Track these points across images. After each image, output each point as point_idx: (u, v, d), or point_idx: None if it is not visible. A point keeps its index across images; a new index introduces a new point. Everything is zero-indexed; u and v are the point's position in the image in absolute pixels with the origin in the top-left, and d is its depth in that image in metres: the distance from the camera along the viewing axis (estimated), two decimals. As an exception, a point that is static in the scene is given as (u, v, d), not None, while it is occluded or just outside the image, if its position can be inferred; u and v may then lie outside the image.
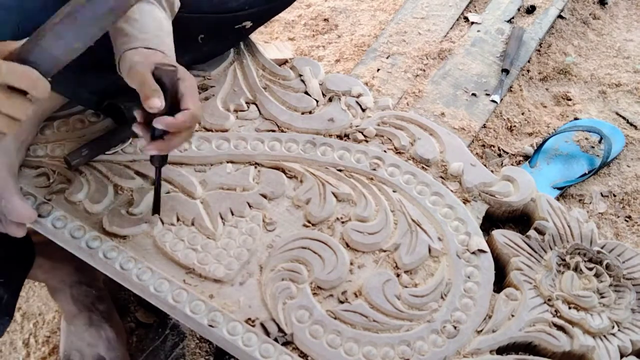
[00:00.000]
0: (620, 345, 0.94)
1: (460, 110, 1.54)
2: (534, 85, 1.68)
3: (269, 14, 1.20)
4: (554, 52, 1.73)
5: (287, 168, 1.09)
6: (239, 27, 1.14)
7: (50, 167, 1.06)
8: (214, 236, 1.01)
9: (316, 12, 1.87)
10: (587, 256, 1.02)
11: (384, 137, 1.14)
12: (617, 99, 1.64)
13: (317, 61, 1.36)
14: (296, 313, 0.94)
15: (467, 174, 1.09)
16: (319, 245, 1.00)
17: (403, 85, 1.58)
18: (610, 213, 1.44)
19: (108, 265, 0.97)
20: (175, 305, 0.94)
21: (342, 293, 0.97)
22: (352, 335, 0.92)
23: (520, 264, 1.00)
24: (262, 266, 0.99)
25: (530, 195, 1.08)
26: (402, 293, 0.97)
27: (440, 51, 1.66)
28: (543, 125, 1.58)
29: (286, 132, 1.13)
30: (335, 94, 1.19)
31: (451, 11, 1.76)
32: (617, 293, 0.98)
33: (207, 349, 1.24)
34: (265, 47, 1.30)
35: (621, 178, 1.49)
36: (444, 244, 1.02)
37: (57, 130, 1.10)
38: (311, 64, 1.23)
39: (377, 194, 1.06)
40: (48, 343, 1.27)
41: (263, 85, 1.19)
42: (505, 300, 0.97)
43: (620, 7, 1.89)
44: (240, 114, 1.16)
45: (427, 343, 0.92)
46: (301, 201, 1.05)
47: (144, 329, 1.27)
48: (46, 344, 1.27)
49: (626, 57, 1.74)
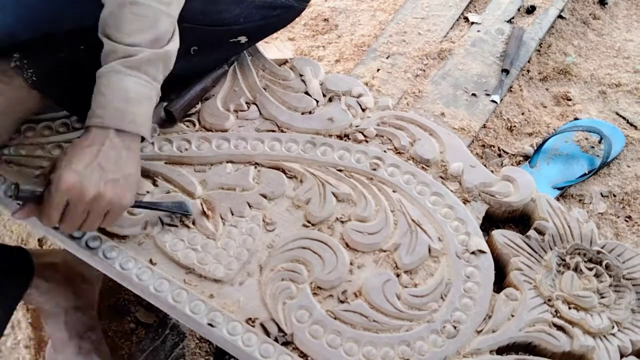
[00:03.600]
0: (620, 345, 0.94)
1: (460, 110, 1.54)
2: (534, 85, 1.68)
3: (265, 31, 1.19)
4: (554, 52, 1.73)
5: (287, 168, 1.09)
6: (233, 41, 1.12)
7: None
8: (214, 236, 1.01)
9: (316, 12, 1.87)
10: (587, 256, 1.02)
11: (384, 137, 1.14)
12: (617, 99, 1.64)
13: (317, 61, 1.36)
14: (296, 313, 0.94)
15: (467, 174, 1.09)
16: (318, 245, 1.00)
17: (403, 85, 1.58)
18: (610, 213, 1.44)
19: (108, 265, 0.97)
20: (175, 305, 0.94)
21: (342, 293, 0.97)
22: (352, 336, 0.92)
23: (520, 264, 1.00)
24: (262, 266, 0.99)
25: (530, 195, 1.08)
26: (402, 293, 0.97)
27: (440, 51, 1.66)
28: (543, 125, 1.58)
29: (286, 132, 1.13)
30: (336, 94, 1.19)
31: (451, 11, 1.76)
32: (617, 293, 0.98)
33: (207, 349, 1.24)
34: (265, 47, 1.30)
35: (621, 178, 1.49)
36: (444, 244, 1.02)
37: (56, 131, 1.10)
38: (311, 64, 1.23)
39: (377, 194, 1.06)
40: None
41: (263, 85, 1.19)
42: (505, 300, 0.97)
43: (620, 7, 1.89)
44: (240, 114, 1.16)
45: (427, 343, 0.92)
46: (301, 201, 1.05)
47: (144, 329, 1.27)
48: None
49: (626, 57, 1.74)
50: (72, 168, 0.85)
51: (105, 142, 0.88)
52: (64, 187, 0.85)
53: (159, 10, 0.91)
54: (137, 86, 0.91)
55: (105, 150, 0.88)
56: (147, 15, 0.90)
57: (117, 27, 0.90)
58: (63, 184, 0.84)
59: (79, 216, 0.88)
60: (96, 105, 0.89)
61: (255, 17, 1.11)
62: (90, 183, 0.85)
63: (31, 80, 1.00)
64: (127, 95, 0.90)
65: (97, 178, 0.86)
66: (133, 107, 0.90)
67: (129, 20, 0.89)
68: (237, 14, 1.08)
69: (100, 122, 0.88)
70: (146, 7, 0.90)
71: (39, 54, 1.00)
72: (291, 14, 1.19)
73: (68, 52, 1.02)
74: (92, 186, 0.86)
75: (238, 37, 1.12)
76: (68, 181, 0.84)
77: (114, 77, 0.89)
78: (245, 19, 1.10)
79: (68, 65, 1.01)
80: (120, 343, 1.27)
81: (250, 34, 1.14)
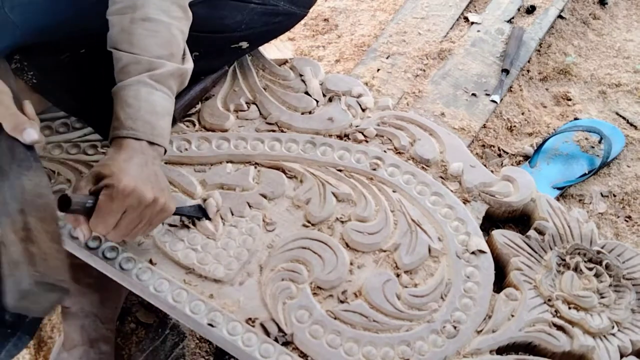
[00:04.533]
0: (620, 345, 0.94)
1: (460, 110, 1.53)
2: (534, 85, 1.68)
3: (267, 37, 1.19)
4: (554, 52, 1.73)
5: (287, 168, 1.09)
6: (235, 46, 1.13)
7: (50, 168, 1.06)
8: (214, 236, 1.01)
9: (316, 12, 1.87)
10: (587, 256, 1.02)
11: (384, 137, 1.14)
12: (617, 99, 1.64)
13: (317, 61, 1.36)
14: (296, 313, 0.94)
15: (467, 174, 1.09)
16: (318, 245, 1.00)
17: (403, 85, 1.58)
18: (610, 213, 1.44)
19: (108, 265, 0.97)
20: (175, 305, 0.94)
21: (342, 293, 0.97)
22: (352, 336, 0.92)
23: (520, 264, 1.00)
24: (262, 266, 0.99)
25: (530, 195, 1.08)
26: (402, 293, 0.97)
27: (440, 51, 1.66)
28: (543, 125, 1.58)
29: (286, 132, 1.13)
30: (336, 94, 1.19)
31: (451, 11, 1.76)
32: (617, 293, 0.98)
33: (207, 349, 1.24)
34: (265, 47, 1.30)
35: (621, 178, 1.49)
36: (444, 244, 1.02)
37: (56, 131, 1.10)
38: (311, 64, 1.23)
39: (377, 194, 1.06)
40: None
41: (263, 85, 1.19)
42: (505, 300, 0.97)
43: (620, 7, 1.89)
44: (240, 114, 1.16)
45: (427, 343, 0.92)
46: (301, 201, 1.05)
47: (144, 329, 1.27)
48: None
49: (626, 57, 1.74)
50: (131, 175, 0.86)
51: (145, 152, 0.90)
52: (126, 192, 0.85)
53: (171, 25, 0.92)
54: (163, 100, 0.93)
55: (150, 161, 0.90)
56: (160, 30, 0.92)
57: (131, 43, 0.91)
58: (126, 189, 0.85)
59: (134, 222, 0.88)
60: (125, 116, 0.90)
61: (257, 23, 1.11)
62: (147, 188, 0.87)
63: (32, 82, 1.00)
64: (155, 109, 0.92)
65: (152, 185, 0.88)
66: (160, 120, 0.92)
67: (142, 36, 0.91)
68: (239, 20, 1.09)
69: (133, 134, 0.90)
70: (158, 22, 0.91)
71: (39, 56, 1.00)
72: (292, 20, 1.19)
73: (69, 55, 1.02)
74: (150, 191, 0.87)
75: (239, 43, 1.13)
76: (129, 186, 0.85)
77: (143, 90, 0.91)
78: (247, 25, 1.10)
79: (68, 68, 1.02)
80: (121, 343, 1.26)
81: (251, 39, 1.14)
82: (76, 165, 1.06)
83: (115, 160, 0.88)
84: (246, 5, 1.09)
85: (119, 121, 0.90)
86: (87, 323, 1.18)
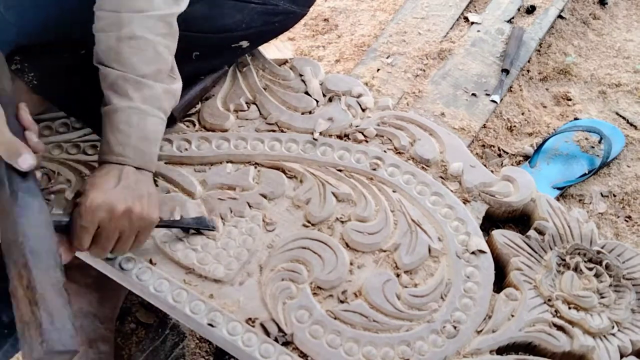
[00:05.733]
0: (620, 345, 0.94)
1: (460, 110, 1.54)
2: (534, 85, 1.68)
3: (267, 36, 1.19)
4: (554, 52, 1.73)
5: (287, 168, 1.09)
6: (235, 46, 1.13)
7: (50, 168, 1.06)
8: (214, 236, 1.01)
9: (316, 12, 1.87)
10: (587, 256, 1.02)
11: (384, 137, 1.14)
12: (617, 99, 1.64)
13: (317, 61, 1.36)
14: (296, 313, 0.94)
15: (467, 174, 1.09)
16: (318, 245, 1.00)
17: (403, 85, 1.58)
18: (610, 213, 1.44)
19: (108, 265, 0.97)
20: (175, 305, 0.94)
21: (342, 293, 0.97)
22: (352, 336, 0.92)
23: (520, 264, 1.00)
24: (262, 266, 0.99)
25: (530, 195, 1.08)
26: (402, 293, 0.97)
27: (440, 51, 1.66)
28: (543, 125, 1.58)
29: (286, 132, 1.13)
30: (336, 94, 1.19)
31: (451, 11, 1.76)
32: (617, 293, 0.98)
33: (207, 349, 1.24)
34: (265, 47, 1.30)
35: (621, 178, 1.49)
36: (444, 244, 1.02)
37: (56, 131, 1.10)
38: (311, 64, 1.23)
39: (377, 194, 1.06)
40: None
41: (263, 85, 1.19)
42: (505, 300, 0.97)
43: (620, 7, 1.89)
44: (240, 114, 1.16)
45: (427, 343, 0.92)
46: (301, 201, 1.05)
47: (144, 329, 1.27)
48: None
49: (626, 57, 1.74)
50: (102, 189, 0.86)
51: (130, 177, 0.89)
52: (94, 206, 0.84)
53: (157, 42, 0.92)
54: (155, 126, 0.93)
55: (126, 174, 0.89)
56: (146, 48, 0.92)
57: (118, 61, 0.91)
58: (93, 202, 0.85)
59: (111, 236, 0.87)
60: (115, 142, 0.90)
61: (257, 22, 1.11)
62: (118, 199, 0.86)
63: (32, 83, 1.00)
64: (147, 135, 0.92)
65: (124, 195, 0.87)
66: (151, 147, 0.93)
67: (129, 53, 0.91)
68: (239, 19, 1.08)
69: (122, 160, 0.90)
70: (144, 40, 0.91)
71: (39, 58, 1.00)
72: (293, 19, 1.19)
73: (68, 56, 1.02)
74: (121, 202, 0.86)
75: (240, 42, 1.13)
76: (97, 200, 0.85)
77: (135, 116, 0.91)
78: (247, 24, 1.10)
79: (68, 69, 1.02)
80: (121, 343, 1.26)
81: (251, 39, 1.14)
82: (76, 166, 1.06)
83: (92, 177, 0.89)
84: (246, 4, 1.09)
85: (108, 146, 0.90)
86: (86, 323, 1.18)
